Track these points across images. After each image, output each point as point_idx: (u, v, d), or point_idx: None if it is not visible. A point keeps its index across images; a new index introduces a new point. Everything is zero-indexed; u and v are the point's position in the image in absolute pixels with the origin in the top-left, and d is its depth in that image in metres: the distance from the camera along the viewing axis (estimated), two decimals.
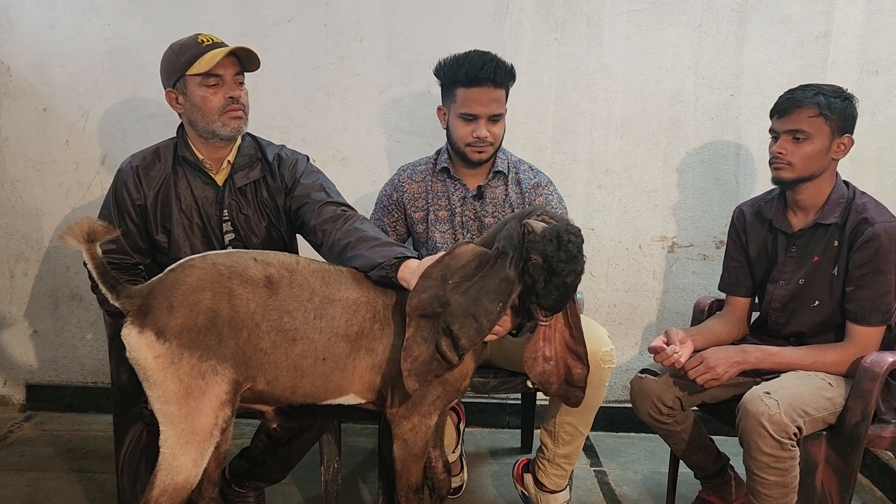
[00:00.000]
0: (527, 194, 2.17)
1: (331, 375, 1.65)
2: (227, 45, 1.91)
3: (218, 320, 1.54)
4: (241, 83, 1.95)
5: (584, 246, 1.57)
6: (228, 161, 1.98)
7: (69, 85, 2.68)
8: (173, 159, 1.97)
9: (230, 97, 1.89)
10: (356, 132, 2.72)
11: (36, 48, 2.66)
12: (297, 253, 2.14)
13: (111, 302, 1.54)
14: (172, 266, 1.60)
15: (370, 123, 2.72)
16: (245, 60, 1.94)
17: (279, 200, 1.99)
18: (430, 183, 2.22)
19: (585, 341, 1.70)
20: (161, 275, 1.59)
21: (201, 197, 1.96)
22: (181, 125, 2.00)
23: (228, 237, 1.97)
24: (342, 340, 1.64)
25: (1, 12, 2.64)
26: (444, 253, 1.62)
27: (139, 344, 1.51)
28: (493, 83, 2.03)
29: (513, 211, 2.15)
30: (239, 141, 2.00)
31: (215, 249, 1.96)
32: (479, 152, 2.09)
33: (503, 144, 2.23)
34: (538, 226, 1.57)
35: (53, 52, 2.66)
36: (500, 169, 2.16)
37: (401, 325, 1.64)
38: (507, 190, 2.17)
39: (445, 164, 2.19)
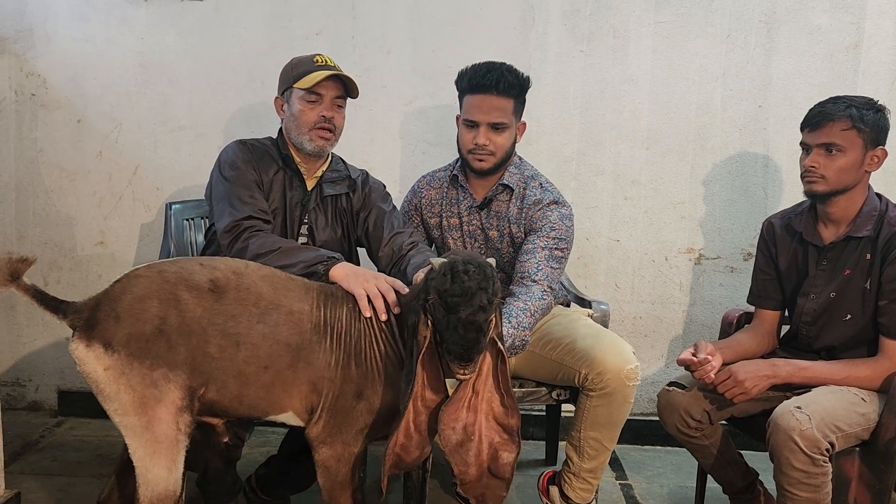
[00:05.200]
0: (525, 210, 2.12)
1: (272, 387, 1.59)
2: (338, 70, 2.02)
3: (166, 327, 1.51)
4: (341, 106, 2.06)
5: (490, 283, 1.44)
6: (322, 170, 2.09)
7: (103, 97, 2.74)
8: (279, 154, 2.06)
9: (323, 116, 1.99)
10: (382, 143, 2.74)
11: (71, 61, 2.72)
12: (358, 263, 2.17)
13: (60, 321, 1.52)
14: (119, 277, 1.58)
15: (396, 134, 2.74)
16: (349, 87, 2.05)
17: (355, 209, 2.11)
18: (445, 190, 2.24)
19: (516, 408, 1.55)
20: (107, 287, 1.57)
21: (290, 195, 2.04)
22: (280, 130, 2.10)
23: (301, 240, 2.06)
24: (283, 349, 1.58)
25: (37, 26, 2.71)
26: None
27: (88, 358, 1.49)
28: (496, 91, 2.03)
29: (509, 226, 2.15)
30: (330, 158, 2.11)
31: None
32: (480, 160, 2.09)
33: (526, 157, 2.23)
34: (437, 262, 1.51)
35: (88, 66, 2.72)
36: (506, 182, 2.14)
37: (336, 343, 1.61)
38: (509, 205, 2.15)
39: (456, 173, 2.21)
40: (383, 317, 1.63)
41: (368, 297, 1.64)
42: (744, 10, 2.62)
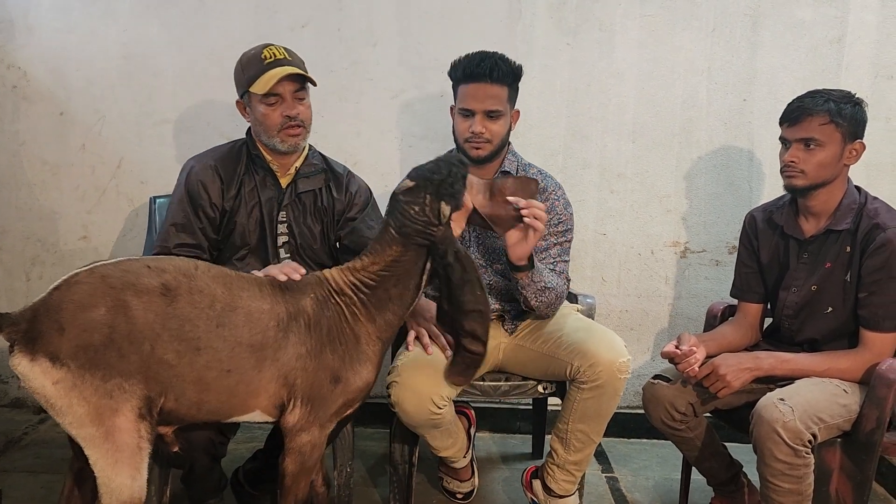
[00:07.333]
0: None
1: (235, 389, 1.56)
2: (287, 62, 1.94)
3: (115, 335, 1.44)
4: (302, 98, 1.98)
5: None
6: (295, 167, 2.04)
7: (85, 89, 2.71)
8: (247, 157, 2.02)
9: (287, 116, 1.94)
10: (369, 136, 2.73)
11: (53, 53, 2.69)
12: (338, 259, 2.15)
13: None
14: (56, 284, 1.48)
15: (383, 128, 2.73)
16: (306, 74, 1.97)
17: (338, 209, 2.07)
18: None
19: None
20: (44, 294, 1.47)
21: (264, 196, 2.01)
22: (249, 128, 2.05)
23: (282, 239, 2.03)
24: (246, 351, 1.55)
25: (18, 17, 2.68)
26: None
27: (34, 373, 1.41)
28: (490, 79, 2.03)
29: None
30: (306, 151, 2.07)
31: (268, 248, 2.01)
32: (477, 148, 2.09)
33: (515, 148, 2.23)
34: (401, 187, 1.67)
35: (70, 57, 2.69)
36: (507, 169, 2.16)
37: (305, 334, 1.61)
38: None
39: None
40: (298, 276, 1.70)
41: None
42: (729, 3, 2.63)
